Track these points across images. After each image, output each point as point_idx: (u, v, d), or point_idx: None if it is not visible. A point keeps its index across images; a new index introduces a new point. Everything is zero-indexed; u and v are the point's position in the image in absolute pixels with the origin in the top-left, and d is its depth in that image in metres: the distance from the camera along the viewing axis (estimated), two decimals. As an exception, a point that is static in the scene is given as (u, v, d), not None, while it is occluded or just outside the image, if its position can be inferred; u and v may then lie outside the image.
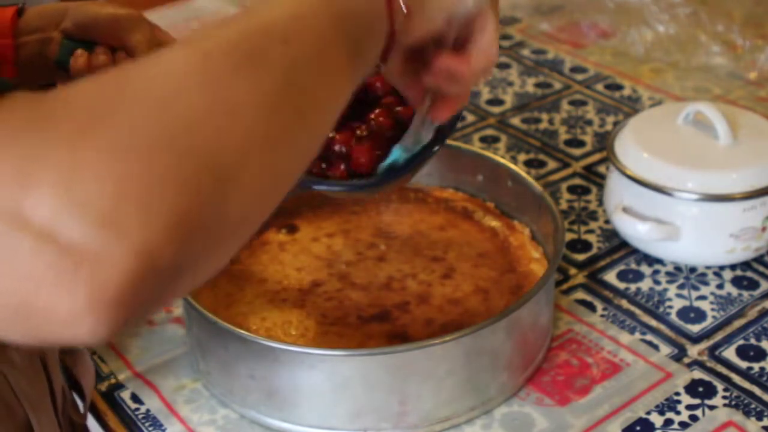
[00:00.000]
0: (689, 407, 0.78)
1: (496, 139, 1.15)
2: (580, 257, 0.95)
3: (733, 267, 0.93)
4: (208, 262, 0.44)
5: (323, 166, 0.71)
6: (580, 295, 0.91)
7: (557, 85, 1.27)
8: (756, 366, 0.82)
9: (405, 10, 0.57)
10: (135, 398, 0.81)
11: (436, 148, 0.70)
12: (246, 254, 0.90)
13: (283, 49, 0.48)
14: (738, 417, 0.77)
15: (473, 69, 0.63)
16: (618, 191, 0.93)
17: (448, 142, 1.07)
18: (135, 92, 0.41)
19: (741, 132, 0.92)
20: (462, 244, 0.90)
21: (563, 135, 1.16)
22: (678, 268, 0.93)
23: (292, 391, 0.75)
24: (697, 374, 0.81)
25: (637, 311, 0.88)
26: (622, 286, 0.92)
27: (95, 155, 0.39)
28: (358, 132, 0.72)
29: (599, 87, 1.26)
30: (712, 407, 0.78)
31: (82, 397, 0.78)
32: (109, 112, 0.40)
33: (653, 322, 0.87)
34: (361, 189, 0.71)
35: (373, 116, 0.73)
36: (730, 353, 0.84)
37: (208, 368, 0.80)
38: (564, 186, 1.06)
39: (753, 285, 0.91)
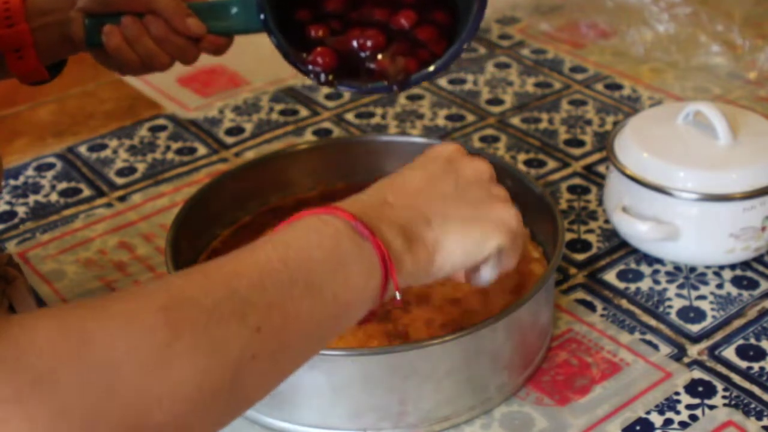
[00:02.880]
0: (689, 407, 0.78)
1: (496, 139, 1.15)
2: (580, 257, 0.95)
3: (732, 267, 0.93)
4: None
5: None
6: (580, 295, 0.91)
7: (557, 85, 1.27)
8: (756, 366, 0.82)
9: (399, 297, 0.60)
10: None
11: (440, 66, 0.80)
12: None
13: (252, 336, 0.50)
14: (738, 417, 0.77)
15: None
16: (618, 191, 0.93)
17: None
18: (91, 357, 0.44)
19: (741, 132, 0.92)
20: (462, 244, 0.90)
21: (563, 135, 1.16)
22: (678, 268, 0.93)
23: (292, 391, 0.75)
24: (697, 374, 0.81)
25: (637, 311, 0.88)
26: (621, 285, 0.92)
27: (44, 413, 0.42)
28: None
29: (599, 87, 1.26)
30: (711, 407, 0.78)
31: None
32: (62, 372, 0.43)
33: (653, 322, 0.87)
34: (379, 91, 0.80)
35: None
36: (729, 353, 0.84)
37: (208, 368, 0.80)
38: (564, 186, 1.06)
39: (753, 285, 0.91)
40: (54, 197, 1.08)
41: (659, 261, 0.94)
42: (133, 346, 0.46)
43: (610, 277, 0.93)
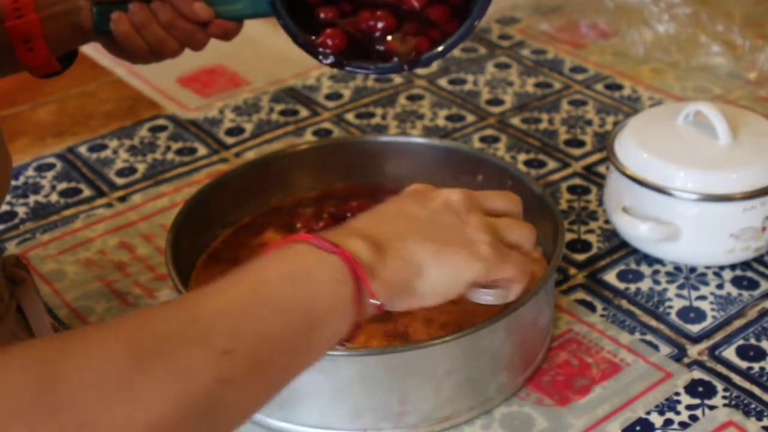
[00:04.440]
0: (689, 407, 0.78)
1: (496, 139, 1.15)
2: (580, 257, 0.95)
3: (733, 267, 0.93)
4: None
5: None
6: (580, 295, 0.91)
7: (557, 85, 1.27)
8: (756, 366, 0.82)
9: (378, 303, 0.57)
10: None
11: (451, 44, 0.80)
12: (245, 255, 0.90)
13: (221, 359, 0.49)
14: (738, 417, 0.77)
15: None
16: (618, 191, 0.93)
17: (447, 143, 1.08)
18: (57, 390, 0.44)
19: (741, 132, 0.92)
20: (462, 244, 0.90)
21: (563, 135, 1.16)
22: (678, 268, 0.93)
23: (292, 391, 0.75)
24: (697, 374, 0.81)
25: (637, 311, 0.88)
26: (622, 286, 0.92)
27: None
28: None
29: (599, 87, 1.26)
30: (712, 407, 0.78)
31: None
32: (33, 407, 0.44)
33: (653, 322, 0.87)
34: (389, 71, 0.82)
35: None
36: (730, 353, 0.84)
37: (208, 368, 0.80)
38: (564, 186, 1.06)
39: (753, 285, 0.91)
40: (54, 197, 1.08)
41: (659, 261, 0.94)
42: (98, 375, 0.46)
43: (610, 277, 0.93)
